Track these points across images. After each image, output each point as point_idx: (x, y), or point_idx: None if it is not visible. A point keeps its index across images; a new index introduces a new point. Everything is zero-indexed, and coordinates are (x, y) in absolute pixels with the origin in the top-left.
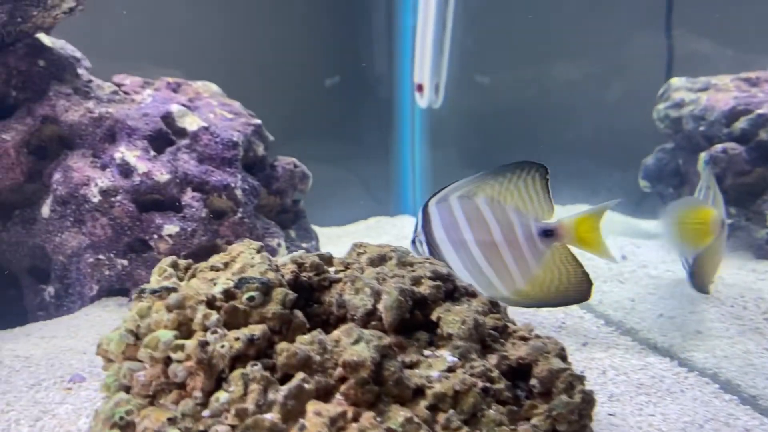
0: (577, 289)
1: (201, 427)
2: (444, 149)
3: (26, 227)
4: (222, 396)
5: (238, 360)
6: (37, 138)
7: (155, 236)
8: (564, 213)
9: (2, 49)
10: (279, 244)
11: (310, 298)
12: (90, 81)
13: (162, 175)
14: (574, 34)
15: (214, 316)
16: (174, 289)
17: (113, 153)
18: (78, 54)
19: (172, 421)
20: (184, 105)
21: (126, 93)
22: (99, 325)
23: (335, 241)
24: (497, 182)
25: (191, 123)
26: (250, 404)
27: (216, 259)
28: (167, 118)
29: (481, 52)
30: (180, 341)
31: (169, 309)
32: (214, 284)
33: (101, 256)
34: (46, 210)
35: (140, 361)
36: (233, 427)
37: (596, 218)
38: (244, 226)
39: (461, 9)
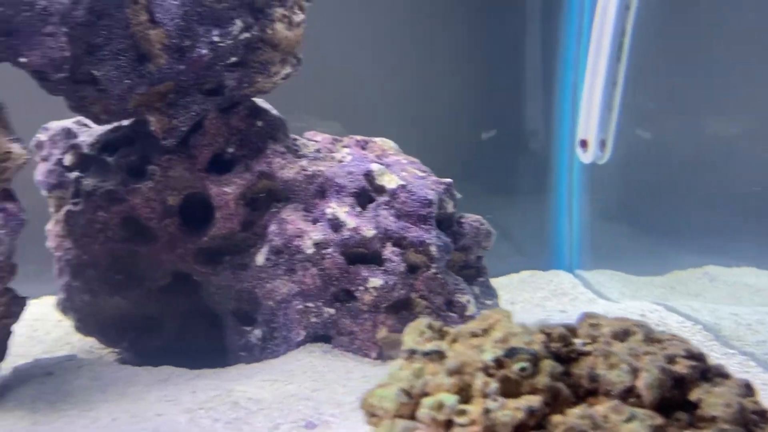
0: None
1: None
2: (603, 204)
3: (235, 272)
4: None
5: (518, 429)
6: (251, 191)
7: (361, 288)
8: None
9: (227, 111)
10: (468, 301)
11: None
12: (296, 139)
13: (368, 231)
14: (736, 89)
15: (494, 384)
16: (443, 353)
17: (324, 208)
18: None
19: None
20: (380, 163)
21: (329, 151)
22: (311, 371)
23: None
24: None
25: (389, 181)
26: None
27: (474, 325)
28: (368, 176)
29: (642, 107)
30: (463, 406)
31: (450, 373)
32: (482, 351)
33: (309, 304)
34: (261, 258)
35: (411, 419)
36: None
37: None
38: (437, 281)
39: (630, 66)
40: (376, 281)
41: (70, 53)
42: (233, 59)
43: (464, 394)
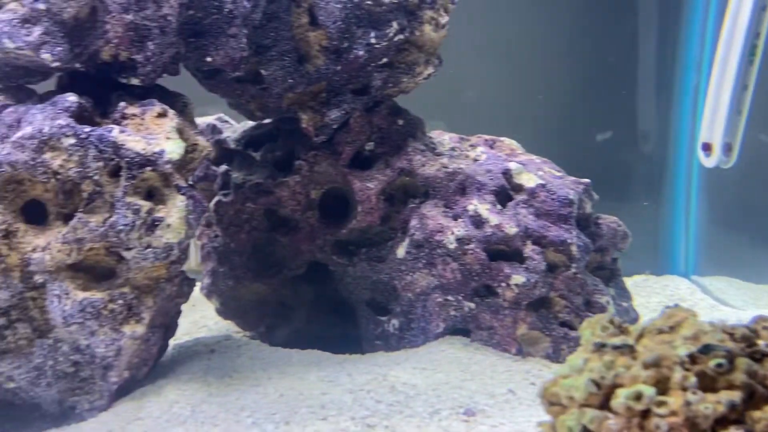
0: None
1: None
2: (722, 209)
3: (371, 264)
4: None
5: (718, 423)
6: (390, 187)
7: (503, 284)
8: None
9: (370, 110)
10: (608, 302)
11: None
12: (432, 138)
13: (511, 228)
14: None
15: (693, 377)
16: (632, 347)
17: (465, 205)
18: None
19: None
20: (518, 162)
21: (462, 149)
22: (456, 362)
23: None
24: None
25: (528, 180)
26: None
27: (660, 323)
28: (506, 174)
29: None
30: (662, 397)
31: (646, 366)
32: (673, 347)
33: (449, 297)
34: (401, 251)
35: (599, 410)
36: None
37: None
38: (577, 281)
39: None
40: (518, 278)
41: (247, 53)
42: (384, 60)
43: (661, 386)
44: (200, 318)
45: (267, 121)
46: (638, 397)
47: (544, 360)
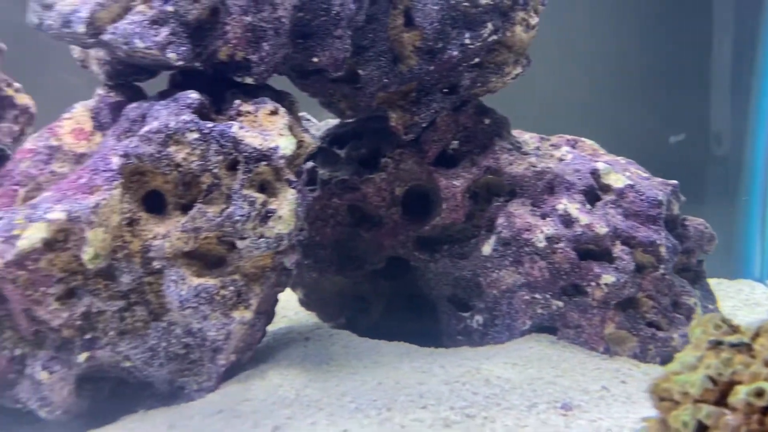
0: None
1: None
2: None
3: (453, 261)
4: None
5: None
6: (475, 185)
7: (592, 283)
8: None
9: (457, 109)
10: (695, 303)
11: None
12: (516, 138)
13: (601, 228)
14: None
15: None
16: (750, 346)
17: (554, 204)
18: None
19: None
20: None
21: (546, 149)
22: (546, 359)
23: None
24: None
25: (616, 180)
26: None
27: None
28: (594, 174)
29: None
30: None
31: (767, 364)
32: None
33: (537, 295)
34: (487, 248)
35: (713, 405)
36: None
37: None
38: (665, 282)
39: None
40: (608, 278)
41: (349, 54)
42: (476, 60)
43: None
44: (281, 308)
45: (350, 120)
46: (759, 393)
47: (631, 359)
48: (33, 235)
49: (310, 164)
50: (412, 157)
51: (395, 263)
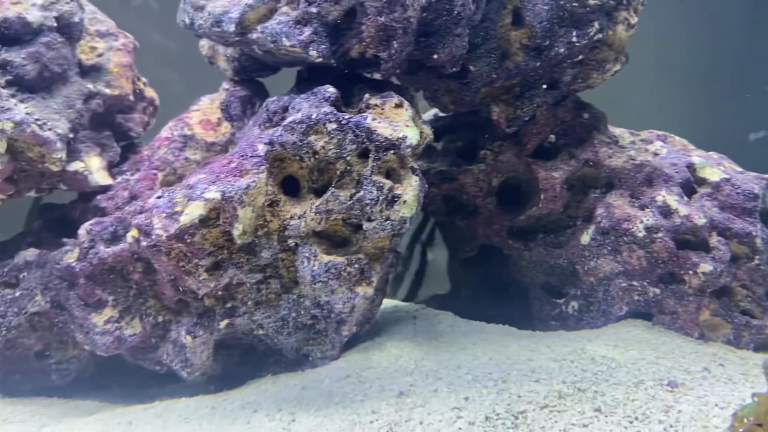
0: None
1: None
2: None
3: (547, 249)
4: None
5: None
6: (572, 177)
7: (690, 272)
8: None
9: (556, 104)
10: None
11: None
12: (613, 131)
13: (699, 219)
14: None
15: None
16: None
17: (653, 196)
18: None
19: None
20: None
21: (641, 143)
22: (644, 342)
23: None
24: None
25: (712, 174)
26: None
27: None
28: (690, 168)
29: None
30: None
31: None
32: None
33: (634, 283)
34: (586, 238)
35: None
36: None
37: None
38: (759, 272)
39: None
40: (705, 267)
41: (465, 51)
42: (579, 57)
43: None
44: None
45: (442, 114)
46: None
47: (725, 345)
48: (193, 212)
49: None
50: (510, 149)
51: (485, 251)
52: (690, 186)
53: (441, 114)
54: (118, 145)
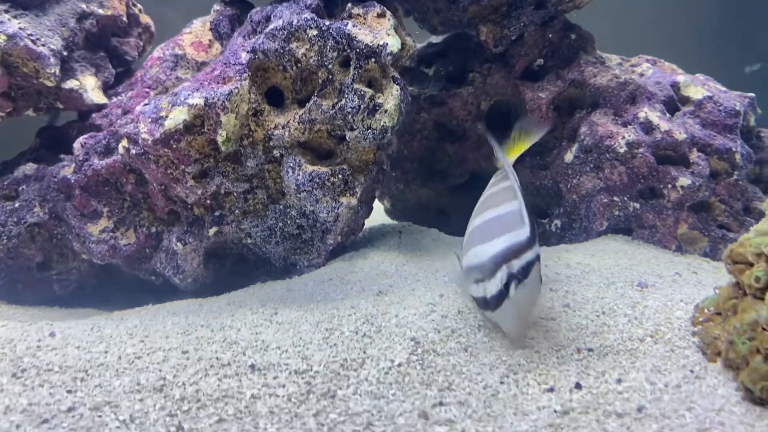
0: None
1: None
2: None
3: (534, 171)
4: None
5: None
6: (559, 98)
7: (669, 186)
8: None
9: (544, 25)
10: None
11: None
12: (600, 53)
13: (680, 135)
14: None
15: None
16: None
17: (636, 113)
18: None
19: None
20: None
21: (629, 64)
22: (621, 252)
23: None
24: None
25: (695, 92)
26: None
27: None
28: (675, 86)
29: None
30: None
31: None
32: None
33: (615, 198)
34: (569, 156)
35: None
36: None
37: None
38: (738, 187)
39: None
40: (684, 181)
41: None
42: None
43: None
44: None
45: (436, 41)
46: None
47: (702, 257)
48: (177, 117)
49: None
50: (499, 71)
51: (474, 178)
52: (673, 104)
53: (434, 41)
54: (115, 68)
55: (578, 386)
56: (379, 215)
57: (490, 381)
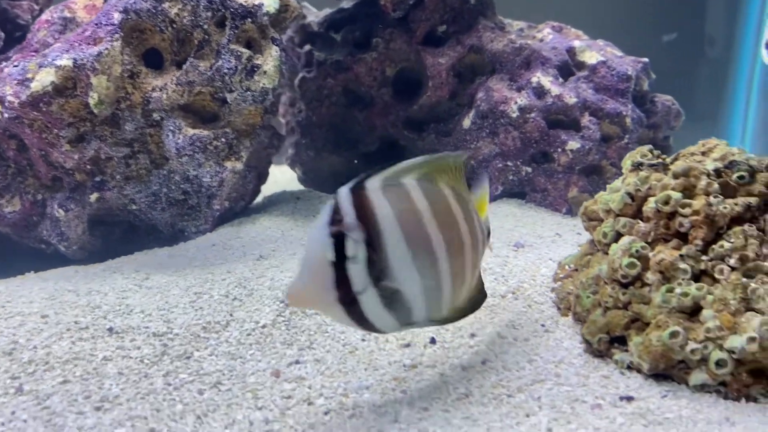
0: (474, 300)
1: (702, 267)
2: None
3: (438, 138)
4: (725, 245)
5: (734, 221)
6: (461, 64)
7: (559, 150)
8: None
9: None
10: None
11: None
12: (501, 19)
13: (570, 99)
14: None
15: (716, 184)
16: (667, 165)
17: (529, 78)
18: None
19: (682, 257)
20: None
21: (531, 30)
22: (511, 216)
23: None
24: (447, 167)
25: (590, 57)
26: (750, 252)
27: (692, 149)
28: (570, 51)
29: None
30: (687, 200)
31: (676, 176)
32: (703, 165)
33: (509, 163)
34: (467, 122)
35: (631, 217)
36: (734, 268)
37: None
38: (629, 150)
39: None
40: (573, 144)
41: None
42: None
43: (687, 193)
44: (284, 185)
45: (347, 6)
46: (666, 201)
47: None
48: (44, 79)
49: (307, 48)
50: (401, 36)
51: (386, 146)
52: (568, 68)
53: (345, 6)
54: (7, 33)
55: (433, 341)
56: (295, 184)
57: (352, 339)
